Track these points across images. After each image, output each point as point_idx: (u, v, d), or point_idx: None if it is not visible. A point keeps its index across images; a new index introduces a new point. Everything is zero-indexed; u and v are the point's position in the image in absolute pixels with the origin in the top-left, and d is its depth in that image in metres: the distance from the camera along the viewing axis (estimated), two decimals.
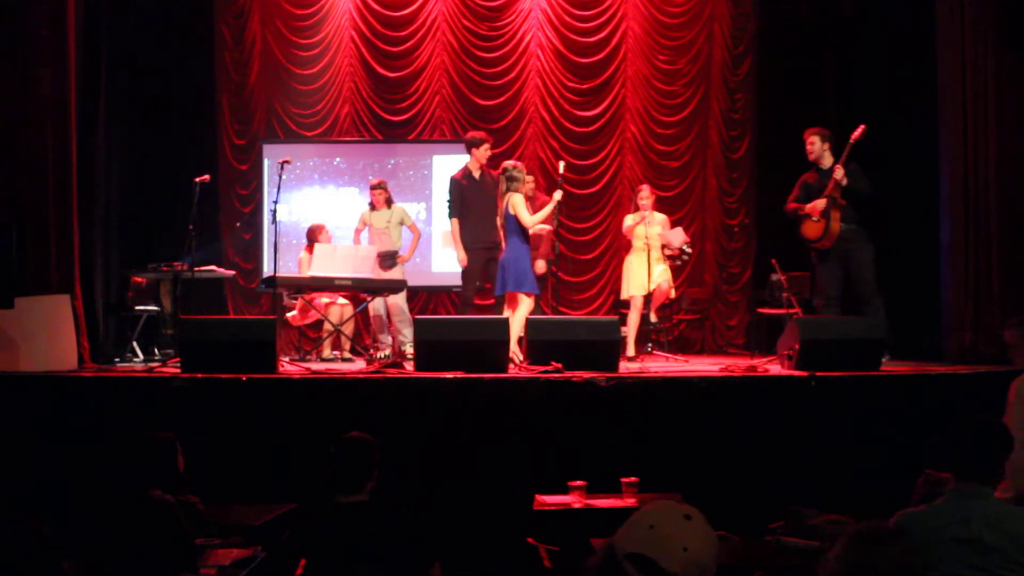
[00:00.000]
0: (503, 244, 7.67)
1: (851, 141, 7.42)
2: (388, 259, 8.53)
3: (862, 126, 7.42)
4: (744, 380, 6.38)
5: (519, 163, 8.09)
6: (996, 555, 2.89)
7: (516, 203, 7.53)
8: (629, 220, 8.63)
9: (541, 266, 8.48)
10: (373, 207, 8.76)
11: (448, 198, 8.16)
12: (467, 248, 7.94)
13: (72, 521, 3.23)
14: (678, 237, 8.53)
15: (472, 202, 7.96)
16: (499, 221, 7.74)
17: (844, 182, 7.39)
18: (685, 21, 10.31)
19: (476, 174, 8.08)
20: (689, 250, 8.79)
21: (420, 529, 3.50)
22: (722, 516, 4.47)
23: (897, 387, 6.34)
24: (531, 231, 7.71)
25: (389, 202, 8.78)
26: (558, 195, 7.74)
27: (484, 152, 8.13)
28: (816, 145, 7.63)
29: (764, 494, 5.35)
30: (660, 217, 8.66)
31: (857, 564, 2.23)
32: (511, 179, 7.63)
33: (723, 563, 3.81)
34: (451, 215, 8.08)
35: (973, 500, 2.99)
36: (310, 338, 9.20)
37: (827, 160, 7.59)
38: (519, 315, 7.38)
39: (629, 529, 2.04)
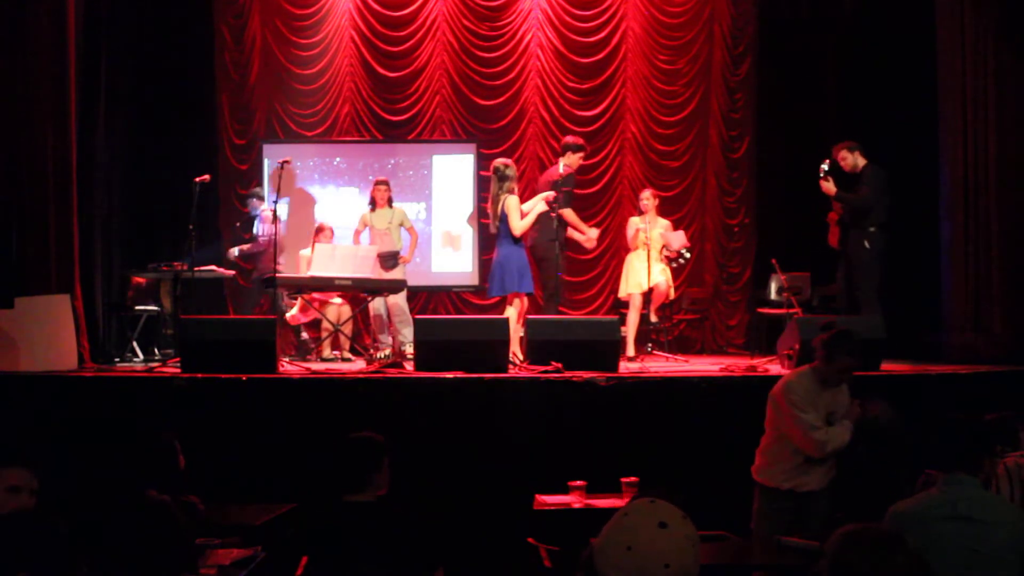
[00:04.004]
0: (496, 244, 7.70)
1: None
2: (390, 260, 8.50)
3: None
4: (744, 380, 6.38)
5: (511, 161, 8.05)
6: (982, 532, 3.12)
7: (511, 206, 7.51)
8: (635, 222, 8.60)
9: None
10: (374, 207, 8.69)
11: (564, 188, 7.82)
12: (550, 241, 7.68)
13: (71, 522, 3.23)
14: (678, 240, 8.55)
15: (561, 203, 7.73)
16: (492, 221, 7.74)
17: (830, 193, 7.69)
18: (685, 21, 10.30)
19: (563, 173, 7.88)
20: (687, 254, 8.81)
21: (425, 532, 3.49)
22: (722, 516, 4.52)
23: (897, 387, 6.34)
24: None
25: (390, 201, 8.75)
26: (542, 201, 7.66)
27: (577, 159, 8.04)
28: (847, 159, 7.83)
29: None
30: (664, 223, 8.67)
31: (845, 565, 2.22)
32: (503, 178, 7.60)
33: (723, 563, 3.85)
34: (564, 205, 7.75)
35: (960, 486, 3.24)
36: (310, 338, 9.18)
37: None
38: (514, 315, 7.38)
39: (607, 549, 1.99)
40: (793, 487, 4.58)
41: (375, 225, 8.62)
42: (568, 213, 7.79)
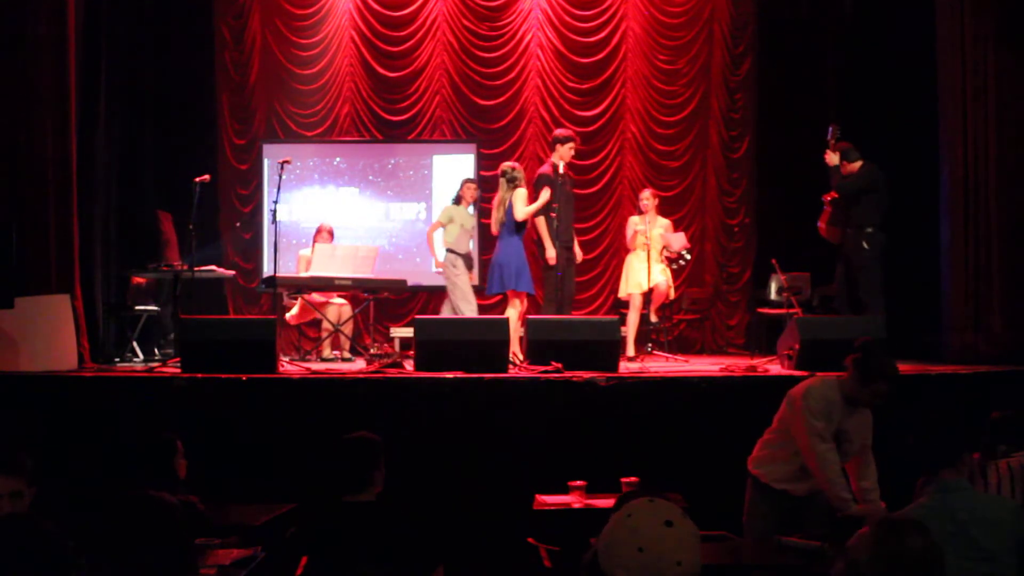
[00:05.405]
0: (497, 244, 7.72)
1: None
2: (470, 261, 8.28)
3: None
4: (744, 380, 6.38)
5: (518, 164, 8.07)
6: (981, 536, 3.02)
7: (518, 196, 7.56)
8: (634, 223, 8.60)
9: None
10: (460, 203, 8.18)
11: (538, 191, 7.78)
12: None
13: (71, 522, 3.23)
14: (678, 241, 8.56)
15: (556, 199, 7.68)
16: (496, 218, 7.75)
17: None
18: (685, 21, 10.31)
19: (562, 171, 7.78)
20: (688, 256, 8.82)
21: (425, 532, 3.49)
22: (722, 516, 4.51)
23: (897, 387, 6.33)
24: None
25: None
26: (545, 195, 7.66)
27: (569, 151, 7.93)
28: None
29: None
30: (663, 222, 8.67)
31: (887, 552, 2.22)
32: (511, 180, 7.68)
33: (723, 563, 3.84)
34: (538, 212, 7.71)
35: (955, 493, 3.10)
36: (310, 338, 9.20)
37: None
38: (514, 315, 7.39)
39: (615, 551, 1.97)
40: (787, 489, 4.46)
41: (465, 224, 8.12)
42: (539, 223, 7.75)
